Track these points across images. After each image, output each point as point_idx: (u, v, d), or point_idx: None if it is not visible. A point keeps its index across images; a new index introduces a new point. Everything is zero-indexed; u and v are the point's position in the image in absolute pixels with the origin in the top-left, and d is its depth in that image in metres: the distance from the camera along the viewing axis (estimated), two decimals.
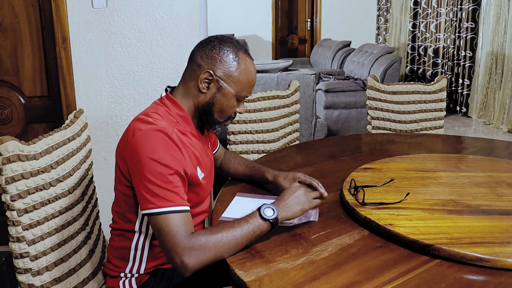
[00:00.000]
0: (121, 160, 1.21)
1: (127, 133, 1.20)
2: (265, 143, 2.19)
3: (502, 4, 5.29)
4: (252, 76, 1.29)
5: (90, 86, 2.41)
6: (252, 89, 1.31)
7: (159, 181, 1.10)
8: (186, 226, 1.09)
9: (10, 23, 2.30)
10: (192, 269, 1.05)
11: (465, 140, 2.21)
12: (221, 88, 1.26)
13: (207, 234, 1.07)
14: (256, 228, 1.11)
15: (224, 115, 1.30)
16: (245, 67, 1.26)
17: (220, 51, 1.25)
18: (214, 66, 1.25)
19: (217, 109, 1.28)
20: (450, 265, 1.02)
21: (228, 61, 1.24)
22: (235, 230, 1.09)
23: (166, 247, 1.08)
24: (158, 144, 1.13)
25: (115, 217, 1.31)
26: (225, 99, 1.27)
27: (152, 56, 2.42)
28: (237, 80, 1.26)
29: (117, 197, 1.29)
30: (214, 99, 1.27)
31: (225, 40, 1.28)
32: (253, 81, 1.30)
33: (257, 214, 1.13)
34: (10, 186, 1.10)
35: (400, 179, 1.46)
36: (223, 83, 1.25)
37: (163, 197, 1.10)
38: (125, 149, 1.18)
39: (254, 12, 8.37)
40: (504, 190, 1.38)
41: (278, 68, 3.48)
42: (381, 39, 8.03)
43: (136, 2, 2.35)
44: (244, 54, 1.28)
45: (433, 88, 2.44)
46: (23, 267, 1.16)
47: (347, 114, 4.74)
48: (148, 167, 1.11)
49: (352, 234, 1.17)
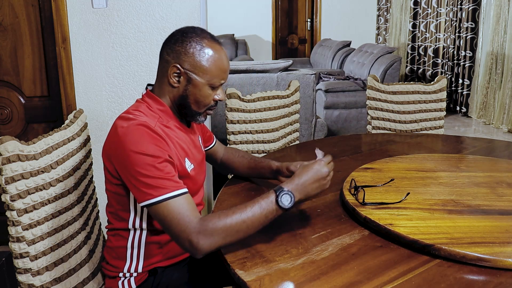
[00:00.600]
0: (107, 160, 1.21)
1: (110, 132, 1.20)
2: (265, 143, 2.19)
3: (502, 4, 5.29)
4: (222, 62, 1.26)
5: (90, 86, 2.41)
6: (225, 74, 1.28)
7: (149, 172, 1.11)
8: (189, 209, 1.09)
9: (10, 23, 2.30)
10: (203, 252, 1.05)
11: (465, 140, 2.20)
12: (191, 80, 1.25)
13: (215, 218, 1.06)
14: (269, 213, 1.08)
15: (202, 105, 1.29)
16: (212, 55, 1.24)
17: (183, 43, 1.25)
18: (179, 59, 1.24)
19: (192, 100, 1.27)
20: (450, 265, 1.02)
21: (193, 52, 1.24)
22: (246, 215, 1.06)
23: (174, 234, 1.08)
24: (141, 137, 1.14)
25: (109, 218, 1.32)
26: (197, 90, 1.26)
27: (152, 56, 2.41)
28: (205, 69, 1.24)
29: (109, 197, 1.29)
30: (187, 91, 1.26)
31: (187, 31, 1.27)
32: (223, 67, 1.27)
33: (273, 200, 1.08)
34: (10, 186, 1.10)
35: (400, 179, 1.46)
36: (192, 74, 1.24)
37: (158, 186, 1.10)
38: (110, 148, 1.19)
39: (254, 12, 8.37)
40: (504, 190, 1.38)
41: (278, 68, 3.48)
42: (381, 39, 8.03)
43: (136, 2, 2.35)
44: (209, 41, 1.26)
45: (433, 88, 2.44)
46: (23, 267, 1.15)
47: (347, 114, 4.74)
48: (136, 161, 1.11)
49: (352, 234, 1.17)
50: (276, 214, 1.09)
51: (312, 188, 1.13)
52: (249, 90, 3.32)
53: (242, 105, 2.10)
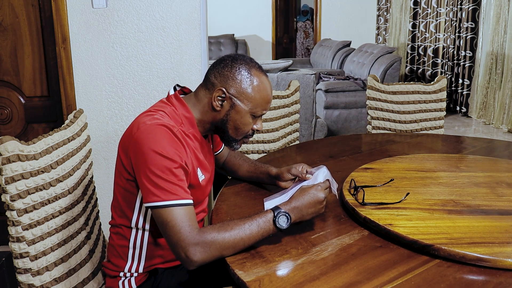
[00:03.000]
0: (123, 153, 1.21)
1: (131, 127, 1.21)
2: (265, 143, 2.19)
3: (502, 4, 5.29)
4: (267, 92, 1.28)
5: (90, 86, 2.41)
6: (267, 105, 1.30)
7: (163, 174, 1.11)
8: (191, 220, 1.09)
9: (10, 23, 2.30)
10: (197, 263, 1.06)
11: (465, 140, 2.20)
12: (234, 106, 1.26)
13: (214, 232, 1.07)
14: (265, 232, 1.10)
15: (240, 133, 1.30)
16: (258, 84, 1.26)
17: (233, 68, 1.26)
18: (226, 83, 1.25)
19: (231, 126, 1.28)
20: (450, 265, 1.02)
21: (241, 78, 1.25)
22: (244, 232, 1.08)
23: (172, 241, 1.08)
24: (162, 138, 1.14)
25: (112, 212, 1.32)
26: (239, 116, 1.27)
27: (152, 56, 2.42)
28: (251, 97, 1.26)
29: (115, 191, 1.29)
30: (228, 116, 1.27)
31: (237, 58, 1.29)
32: (267, 97, 1.29)
33: (270, 219, 1.10)
34: (10, 186, 1.10)
35: (400, 179, 1.46)
36: (236, 100, 1.26)
37: (168, 190, 1.10)
38: (129, 142, 1.18)
39: (254, 12, 8.38)
40: (504, 190, 1.38)
41: (278, 68, 3.48)
42: (381, 39, 8.03)
43: (136, 2, 2.35)
44: (257, 71, 1.28)
45: (433, 88, 2.44)
46: (23, 267, 1.16)
47: (347, 114, 4.74)
48: (152, 160, 1.12)
49: (352, 234, 1.17)
50: (271, 233, 1.12)
51: (308, 213, 1.16)
52: None
53: None
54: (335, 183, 1.27)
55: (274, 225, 1.10)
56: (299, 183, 1.33)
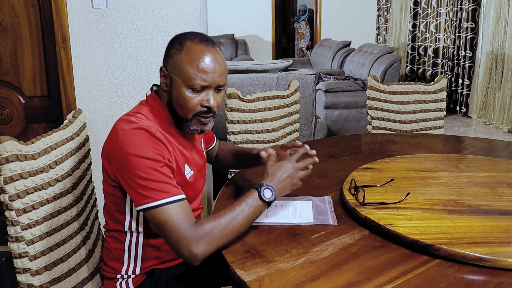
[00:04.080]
0: (106, 161, 1.20)
1: (111, 134, 1.19)
2: (265, 143, 2.19)
3: (502, 4, 5.28)
4: (201, 61, 1.17)
5: (90, 86, 2.40)
6: (205, 75, 1.18)
7: (149, 175, 1.10)
8: (187, 216, 1.09)
9: (10, 23, 2.30)
10: (201, 257, 1.06)
11: (465, 140, 2.20)
12: (171, 81, 1.21)
13: (211, 221, 1.07)
14: (256, 210, 1.13)
15: (185, 110, 1.21)
16: (189, 53, 1.18)
17: (170, 45, 1.23)
18: (165, 61, 1.23)
19: (175, 104, 1.22)
20: (450, 265, 1.01)
21: (174, 52, 1.20)
22: (237, 214, 1.10)
23: (172, 241, 1.07)
24: (141, 142, 1.13)
25: (106, 218, 1.31)
26: (176, 92, 1.20)
27: (152, 56, 2.41)
28: (181, 68, 1.18)
29: (105, 198, 1.28)
30: (171, 94, 1.23)
31: (179, 34, 1.24)
32: (202, 67, 1.17)
33: (256, 196, 1.14)
34: (9, 186, 1.10)
35: (400, 179, 1.45)
36: (172, 75, 1.21)
37: (158, 189, 1.09)
38: (109, 149, 1.17)
39: (254, 12, 8.37)
40: (504, 190, 1.38)
41: (278, 68, 3.48)
42: (381, 39, 8.03)
43: (136, 2, 2.34)
44: (192, 42, 1.19)
45: (433, 88, 2.43)
46: (22, 267, 1.15)
47: (347, 114, 4.73)
48: (136, 164, 1.10)
49: (352, 234, 1.16)
50: (261, 210, 1.15)
51: (287, 182, 1.21)
52: (249, 90, 3.32)
53: (242, 105, 2.09)
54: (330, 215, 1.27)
55: (262, 200, 1.14)
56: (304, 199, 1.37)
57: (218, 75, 1.20)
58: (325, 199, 1.37)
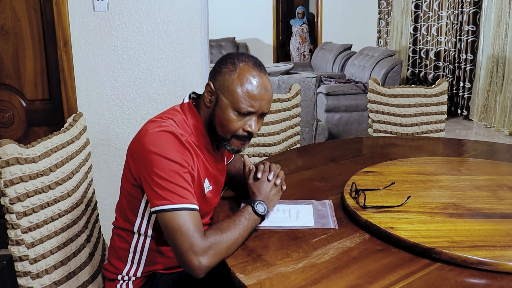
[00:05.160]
0: (130, 159, 1.20)
1: (140, 133, 1.20)
2: (266, 146, 2.19)
3: (503, 7, 5.29)
4: (252, 87, 1.19)
5: (91, 89, 2.41)
6: (254, 102, 1.20)
7: (171, 177, 1.10)
8: (200, 226, 1.09)
9: (12, 26, 2.31)
10: (208, 269, 1.07)
11: (466, 143, 2.20)
12: (218, 100, 1.22)
13: (218, 233, 1.09)
14: (252, 223, 1.17)
15: (226, 131, 1.22)
16: (243, 78, 1.19)
17: (221, 63, 1.24)
18: (214, 78, 1.24)
19: (217, 122, 1.23)
20: (451, 268, 1.01)
21: (225, 71, 1.21)
22: (238, 227, 1.12)
23: (183, 247, 1.06)
24: (168, 144, 1.13)
25: (117, 214, 1.32)
26: (221, 111, 1.21)
27: (153, 59, 2.42)
28: (232, 90, 1.19)
29: (121, 194, 1.29)
30: (214, 112, 1.23)
31: (233, 53, 1.26)
32: (253, 93, 1.19)
33: (251, 210, 1.18)
34: (9, 189, 1.10)
35: (401, 182, 1.45)
36: (220, 94, 1.21)
37: (177, 193, 1.09)
38: (136, 147, 1.18)
39: (255, 15, 8.39)
40: (505, 193, 1.37)
41: (279, 71, 3.48)
42: (382, 42, 8.04)
43: (137, 6, 2.35)
44: (247, 66, 1.21)
45: (434, 91, 2.43)
46: (23, 270, 1.15)
47: (348, 117, 4.73)
48: (159, 163, 1.11)
49: (353, 238, 1.16)
50: (256, 224, 1.19)
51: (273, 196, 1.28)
52: None
53: None
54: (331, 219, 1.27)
55: (256, 214, 1.18)
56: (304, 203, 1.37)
57: (265, 103, 1.23)
58: (325, 203, 1.36)
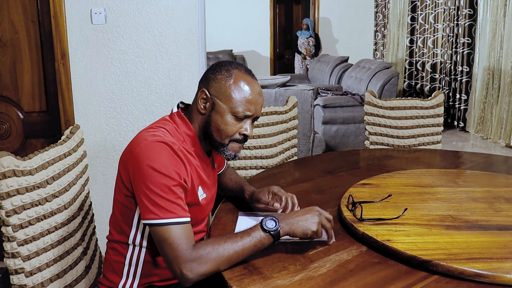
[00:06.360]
0: (123, 169, 1.21)
1: (132, 143, 1.21)
2: (263, 159, 2.19)
3: (497, 20, 5.34)
4: (248, 92, 1.24)
5: (89, 101, 2.41)
6: (250, 106, 1.25)
7: (161, 191, 1.11)
8: (188, 238, 1.10)
9: (10, 38, 2.32)
10: (192, 280, 1.07)
11: (462, 155, 2.21)
12: (214, 106, 1.25)
13: (209, 247, 1.08)
14: (257, 242, 1.10)
15: (223, 135, 1.26)
16: (239, 83, 1.24)
17: (215, 70, 1.27)
18: (208, 84, 1.26)
19: (214, 128, 1.26)
20: (448, 281, 1.01)
21: (221, 78, 1.25)
22: (237, 244, 1.08)
23: (168, 258, 1.09)
24: (161, 155, 1.14)
25: (110, 228, 1.31)
26: (219, 116, 1.25)
27: (151, 72, 2.43)
28: (229, 95, 1.23)
29: (114, 207, 1.29)
30: (210, 118, 1.26)
31: (223, 61, 1.30)
32: (249, 97, 1.24)
33: (259, 227, 1.11)
34: (5, 202, 1.10)
35: (398, 195, 1.45)
36: (216, 100, 1.25)
37: (166, 208, 1.10)
38: (128, 158, 1.18)
39: (252, 28, 8.45)
40: (502, 205, 1.38)
41: (276, 84, 3.50)
42: (379, 54, 8.09)
43: (135, 19, 2.37)
44: (240, 72, 1.26)
45: (430, 104, 2.45)
46: (18, 283, 1.14)
47: (345, 129, 4.75)
48: (151, 177, 1.12)
49: (350, 250, 1.16)
50: (264, 242, 1.10)
51: (299, 225, 1.13)
52: None
53: None
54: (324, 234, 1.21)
55: (263, 230, 1.10)
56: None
57: (259, 107, 1.29)
58: None
